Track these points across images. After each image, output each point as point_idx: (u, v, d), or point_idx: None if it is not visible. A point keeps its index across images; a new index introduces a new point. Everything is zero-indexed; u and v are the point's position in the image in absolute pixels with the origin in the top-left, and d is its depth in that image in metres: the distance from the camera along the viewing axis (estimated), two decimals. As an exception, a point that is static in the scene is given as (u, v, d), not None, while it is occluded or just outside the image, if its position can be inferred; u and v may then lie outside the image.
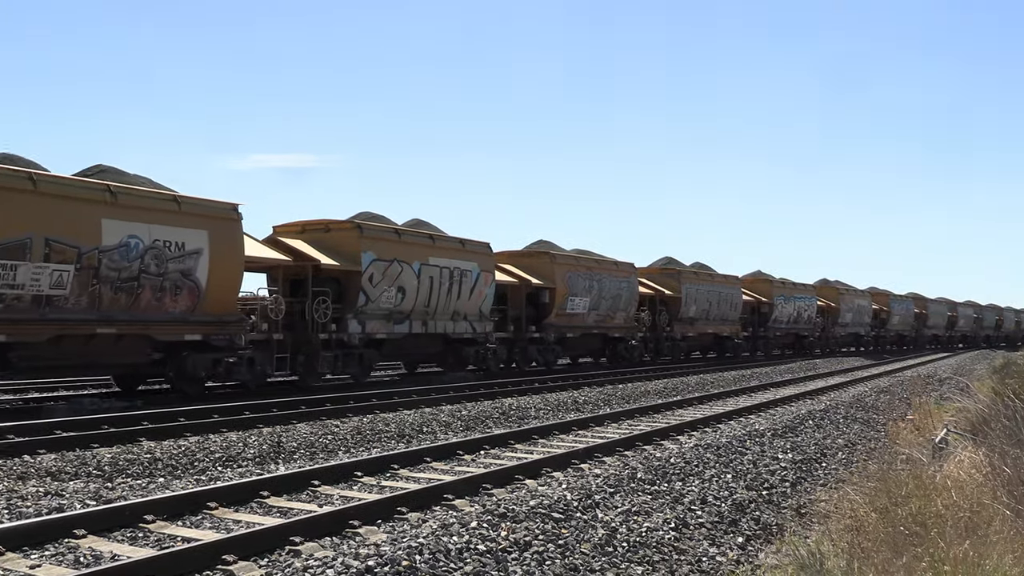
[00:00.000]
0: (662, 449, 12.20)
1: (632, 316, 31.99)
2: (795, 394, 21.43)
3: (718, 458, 11.46)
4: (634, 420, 15.81)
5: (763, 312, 42.57)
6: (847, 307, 50.31)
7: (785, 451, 12.52)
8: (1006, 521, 5.41)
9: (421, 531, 7.10)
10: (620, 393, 20.65)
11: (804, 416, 16.58)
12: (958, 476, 7.39)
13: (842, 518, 7.49)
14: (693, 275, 36.65)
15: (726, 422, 15.64)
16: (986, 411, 10.31)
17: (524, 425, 14.50)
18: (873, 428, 16.03)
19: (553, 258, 28.36)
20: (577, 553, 7.00)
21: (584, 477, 9.77)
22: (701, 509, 8.78)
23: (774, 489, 10.16)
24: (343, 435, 12.79)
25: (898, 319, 57.59)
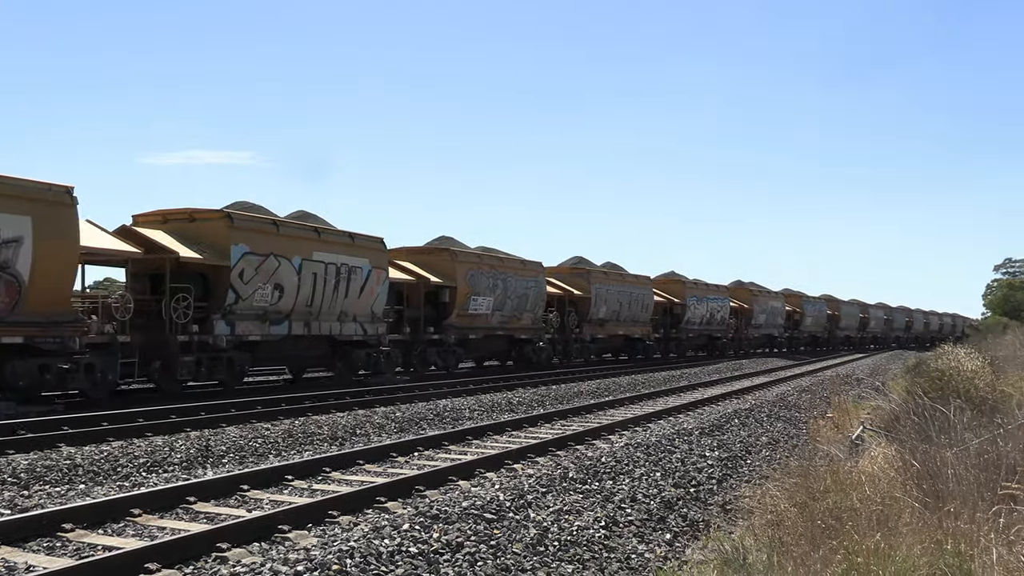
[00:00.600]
0: (594, 449, 12.33)
1: (540, 317, 30.75)
2: (722, 393, 21.85)
3: (648, 457, 11.63)
4: (567, 420, 15.94)
5: (675, 313, 41.95)
6: (760, 308, 50.15)
7: (712, 449, 12.76)
8: (915, 513, 5.63)
9: (352, 534, 7.05)
10: (554, 394, 20.79)
11: (730, 415, 16.93)
12: (872, 471, 7.65)
13: (765, 513, 7.68)
14: (603, 275, 35.52)
15: (656, 421, 15.88)
16: (898, 409, 10.68)
17: (458, 426, 14.50)
18: (795, 426, 16.45)
19: (454, 255, 26.81)
20: (509, 553, 7.04)
21: (517, 477, 9.82)
22: (631, 507, 8.91)
23: (701, 486, 10.36)
24: (274, 438, 12.62)
25: (811, 320, 57.88)
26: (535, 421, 15.32)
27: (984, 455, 6.30)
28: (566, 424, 15.45)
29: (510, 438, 13.54)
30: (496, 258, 29.13)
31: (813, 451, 10.85)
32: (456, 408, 17.01)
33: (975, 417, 8.07)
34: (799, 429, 15.97)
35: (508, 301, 28.63)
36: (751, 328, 49.51)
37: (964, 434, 7.01)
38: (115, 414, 13.99)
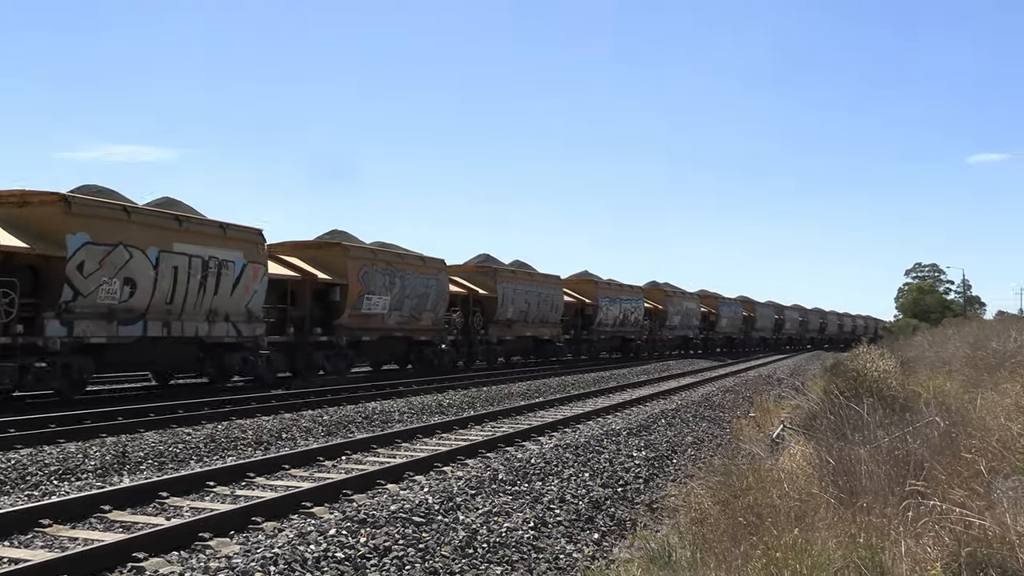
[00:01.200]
0: (523, 450, 12.39)
1: (442, 318, 28.76)
2: (649, 394, 22.17)
3: (576, 457, 11.74)
4: (497, 422, 15.98)
5: (587, 315, 40.28)
6: (675, 310, 49.30)
7: (639, 449, 12.95)
8: (830, 508, 5.83)
9: (277, 541, 6.96)
10: (485, 395, 20.82)
11: (657, 415, 17.20)
12: (791, 469, 7.89)
13: (689, 511, 7.85)
14: (511, 274, 33.69)
15: (585, 422, 16.04)
16: (816, 408, 11.01)
17: (387, 429, 14.41)
18: (719, 426, 16.81)
19: (346, 250, 24.52)
20: (438, 556, 7.05)
21: (446, 480, 9.82)
22: (560, 508, 8.99)
23: (628, 486, 10.52)
24: (195, 443, 12.34)
25: (727, 322, 57.29)
26: (465, 423, 15.33)
27: (895, 452, 6.55)
28: (496, 426, 15.49)
29: (440, 440, 13.52)
30: (393, 254, 27.00)
31: (736, 450, 11.12)
32: (385, 411, 16.90)
33: (887, 415, 8.38)
34: (723, 429, 16.32)
35: (407, 300, 26.66)
36: (666, 329, 48.48)
37: (876, 432, 7.27)
38: (24, 420, 13.47)
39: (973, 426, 7.42)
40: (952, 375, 14.83)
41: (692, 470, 11.51)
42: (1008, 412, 8.36)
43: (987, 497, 5.33)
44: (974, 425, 7.48)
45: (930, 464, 6.06)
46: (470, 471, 10.46)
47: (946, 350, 21.41)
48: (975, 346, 18.66)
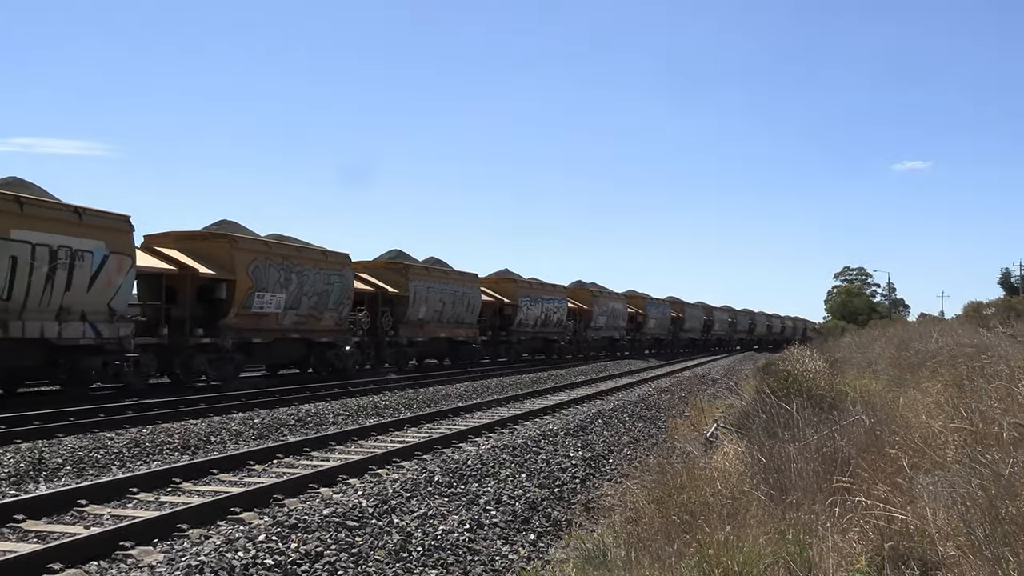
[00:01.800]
0: (460, 452, 12.38)
1: (346, 317, 26.68)
2: (588, 395, 22.36)
3: (513, 458, 11.77)
4: (434, 424, 15.93)
5: (507, 315, 38.51)
6: (601, 310, 47.85)
7: (576, 449, 13.05)
8: (761, 505, 5.96)
9: (203, 548, 6.82)
10: (422, 397, 20.73)
11: (594, 416, 17.34)
12: (724, 467, 8.04)
13: (625, 510, 7.94)
14: (424, 271, 31.71)
15: (523, 423, 16.10)
16: (748, 408, 11.24)
17: (321, 432, 14.25)
18: (655, 425, 17.03)
19: (234, 242, 22.18)
20: (371, 561, 7.00)
21: (381, 483, 9.75)
22: (496, 509, 9.00)
23: (565, 486, 10.58)
24: (119, 448, 12.00)
25: (654, 323, 56.44)
26: (402, 425, 15.25)
27: (823, 449, 6.73)
28: (433, 427, 15.44)
29: (375, 443, 13.42)
30: (290, 247, 24.69)
31: (671, 449, 11.29)
32: (320, 413, 16.72)
33: (816, 414, 8.59)
34: (659, 428, 16.54)
35: (305, 298, 24.51)
36: (591, 330, 46.85)
37: (806, 430, 7.45)
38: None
39: (897, 424, 7.65)
40: (878, 375, 15.26)
41: (628, 469, 11.64)
42: (929, 410, 8.65)
43: (909, 492, 5.50)
44: (897, 423, 7.71)
45: (856, 461, 6.24)
46: (406, 473, 10.41)
47: (872, 351, 22.03)
48: (899, 347, 19.26)
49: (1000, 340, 12.92)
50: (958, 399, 7.96)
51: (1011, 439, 5.43)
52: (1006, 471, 4.68)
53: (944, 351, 13.89)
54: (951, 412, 7.53)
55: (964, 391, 8.41)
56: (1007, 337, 13.07)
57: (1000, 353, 10.70)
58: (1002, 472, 4.69)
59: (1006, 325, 14.62)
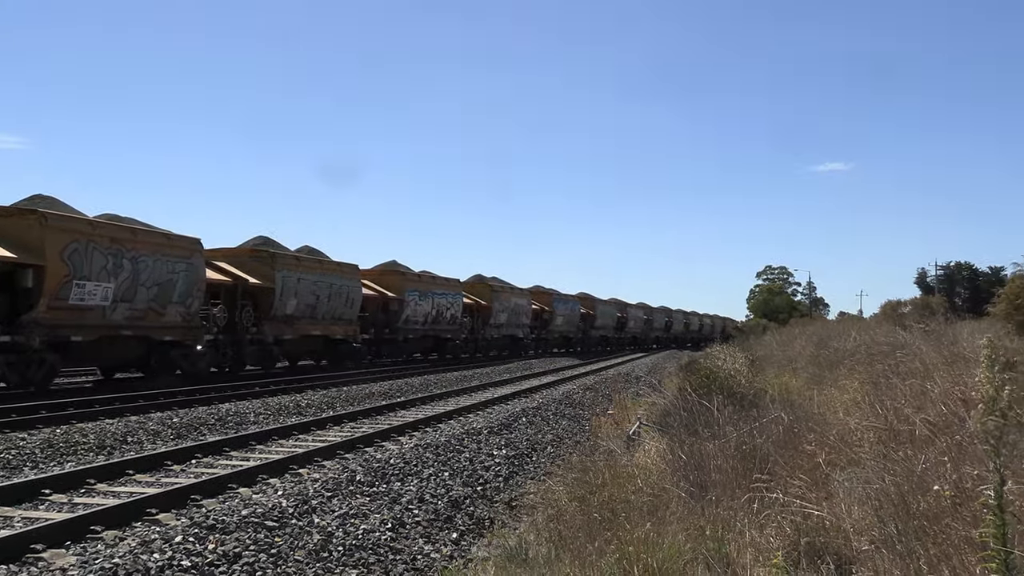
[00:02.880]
0: (383, 451, 12.27)
1: (196, 312, 22.87)
2: (512, 392, 22.40)
3: (437, 457, 11.72)
4: (357, 422, 15.75)
5: (392, 311, 34.88)
6: (502, 306, 44.27)
7: (500, 447, 13.04)
8: (681, 502, 6.03)
9: (118, 550, 6.62)
10: (345, 395, 20.48)
11: (519, 414, 17.37)
12: (646, 464, 8.12)
13: (547, 508, 7.95)
14: (294, 260, 28.13)
15: (446, 421, 16.02)
16: (670, 405, 11.39)
17: (242, 431, 13.95)
18: (579, 423, 17.15)
19: (44, 220, 18.34)
20: (291, 561, 6.88)
21: (302, 482, 9.61)
22: (418, 508, 8.95)
23: (488, 484, 10.57)
24: (31, 449, 11.58)
25: (562, 320, 53.22)
26: (324, 424, 15.04)
27: (742, 447, 6.84)
28: (356, 426, 15.26)
29: (297, 442, 13.20)
30: (121, 228, 20.89)
31: (594, 447, 11.36)
32: (240, 412, 16.36)
33: (736, 412, 8.75)
34: (582, 426, 16.66)
35: (142, 289, 20.92)
36: (490, 328, 43.30)
37: (726, 428, 7.57)
38: None
39: (814, 421, 7.83)
40: (797, 373, 15.65)
41: (551, 468, 11.68)
42: (846, 407, 8.89)
43: (826, 489, 5.63)
44: (815, 420, 7.90)
45: (774, 458, 6.36)
46: (327, 473, 10.27)
47: (792, 349, 22.60)
48: (819, 345, 19.78)
49: (916, 338, 13.35)
50: (874, 397, 8.19)
51: (923, 436, 5.60)
52: (918, 467, 4.82)
53: (862, 349, 14.31)
54: (867, 410, 7.74)
55: (880, 389, 8.66)
56: (922, 335, 13.52)
57: (915, 351, 11.06)
58: (914, 468, 4.82)
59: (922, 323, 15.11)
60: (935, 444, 5.06)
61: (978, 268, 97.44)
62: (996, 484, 3.24)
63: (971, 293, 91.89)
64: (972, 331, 13.20)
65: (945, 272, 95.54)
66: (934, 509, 4.18)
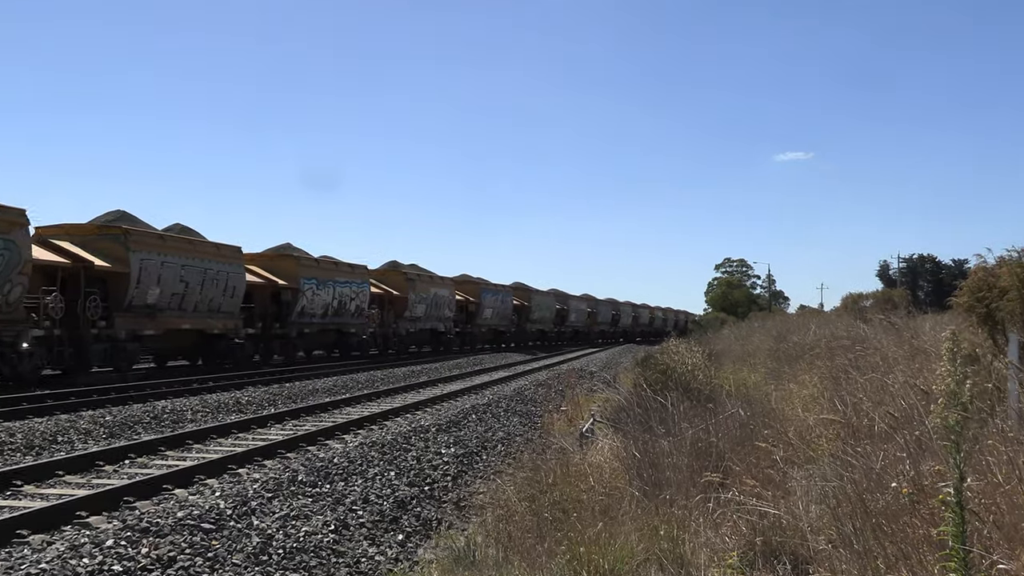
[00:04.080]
0: (326, 449, 12.15)
1: (16, 301, 19.25)
2: (462, 389, 22.33)
3: (382, 456, 11.62)
4: (299, 420, 15.58)
5: (285, 301, 31.05)
6: (419, 297, 40.83)
7: (448, 446, 12.98)
8: (635, 501, 6.02)
9: (45, 555, 6.46)
10: (287, 392, 20.24)
11: (468, 411, 17.32)
12: (598, 462, 8.11)
13: (497, 508, 7.90)
14: (157, 241, 24.38)
15: (393, 419, 15.92)
16: (625, 401, 11.42)
17: (178, 430, 13.71)
18: (530, 420, 17.14)
19: None
20: (228, 565, 6.74)
21: (241, 483, 9.47)
22: (363, 509, 8.85)
23: (436, 484, 10.50)
24: (-49, 450, 11.24)
25: (491, 312, 50.31)
26: (265, 422, 14.84)
27: (697, 444, 6.86)
28: (298, 424, 15.10)
29: (236, 441, 13.02)
30: None
31: (545, 445, 11.33)
32: (177, 410, 16.07)
33: (692, 408, 8.79)
34: (534, 423, 16.65)
35: None
36: (405, 321, 39.82)
37: (681, 425, 7.60)
38: None
39: (772, 417, 7.89)
40: (756, 367, 15.82)
41: (501, 466, 11.64)
42: (805, 403, 8.98)
43: (782, 487, 5.65)
44: (773, 416, 7.97)
45: (730, 456, 6.38)
46: (267, 473, 10.13)
47: (751, 343, 22.84)
48: (778, 339, 20.01)
49: (877, 332, 13.55)
50: (833, 392, 8.28)
51: (882, 432, 5.65)
52: (877, 464, 4.85)
53: (821, 343, 14.47)
54: (826, 405, 7.82)
55: (839, 384, 8.75)
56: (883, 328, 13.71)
57: (876, 345, 11.21)
58: (873, 465, 4.85)
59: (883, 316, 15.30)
60: (894, 440, 5.10)
61: (941, 261, 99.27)
62: (956, 480, 3.26)
63: (934, 286, 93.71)
64: (935, 324, 13.41)
65: (908, 265, 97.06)
66: (892, 507, 4.20)
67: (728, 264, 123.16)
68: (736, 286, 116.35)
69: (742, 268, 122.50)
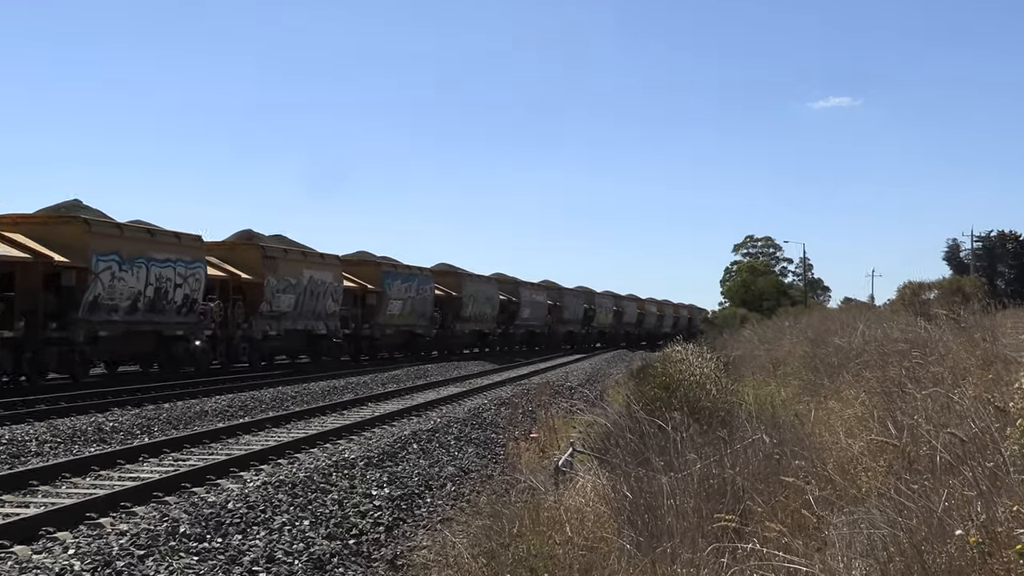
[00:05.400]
0: (218, 491, 12.15)
1: None
2: (399, 409, 22.33)
3: (293, 499, 11.64)
4: (183, 453, 15.56)
5: (69, 288, 26.73)
6: (283, 284, 37.11)
7: (381, 485, 13.03)
8: (624, 556, 6.05)
9: None
10: (167, 415, 20.13)
11: (408, 438, 17.35)
12: (579, 506, 8.15)
13: (445, 568, 7.91)
14: None
15: (308, 450, 15.92)
16: (614, 425, 11.48)
17: (18, 467, 13.61)
18: (490, 450, 17.21)
19: None
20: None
21: (104, 537, 9.48)
22: (266, 571, 8.87)
23: (364, 536, 10.53)
24: None
25: (401, 305, 47.36)
26: (136, 455, 14.80)
27: (708, 480, 6.92)
28: (181, 458, 15.09)
29: (96, 481, 12.99)
30: None
31: (510, 483, 11.37)
32: (18, 440, 15.95)
33: (702, 433, 8.85)
34: (495, 454, 16.70)
35: None
36: (262, 319, 36.38)
37: (687, 455, 7.65)
38: None
39: (806, 445, 7.97)
40: (786, 380, 15.98)
41: (451, 512, 11.67)
42: (848, 426, 9.07)
43: (818, 536, 5.71)
44: (807, 444, 8.04)
45: (751, 495, 6.43)
46: (139, 523, 10.14)
47: (780, 347, 23.07)
48: (815, 342, 20.19)
49: (942, 332, 13.70)
50: (884, 411, 8.36)
51: (945, 463, 5.70)
52: (938, 505, 4.90)
53: (871, 348, 14.59)
54: (875, 428, 7.89)
55: (892, 400, 8.84)
56: (950, 327, 13.86)
57: (940, 350, 11.33)
58: (933, 507, 4.90)
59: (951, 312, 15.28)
60: (961, 474, 5.16)
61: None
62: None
63: (1017, 272, 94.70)
64: (1018, 322, 13.59)
65: (984, 245, 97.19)
66: (958, 561, 4.25)
67: (751, 244, 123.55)
68: (761, 272, 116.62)
69: (768, 249, 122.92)
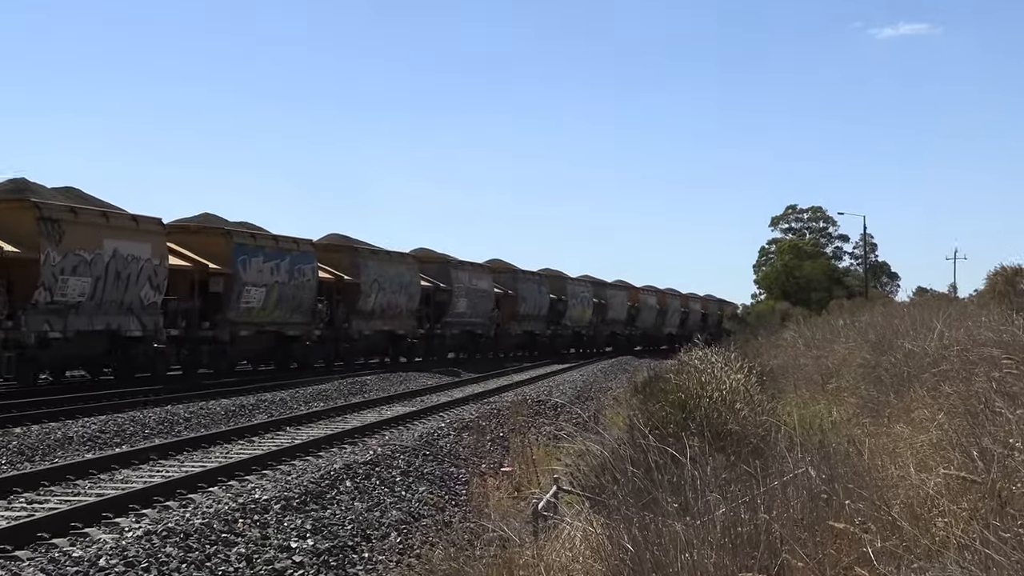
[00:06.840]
0: (86, 544, 12.16)
1: None
2: (326, 435, 22.29)
3: (184, 554, 11.65)
4: (38, 493, 15.59)
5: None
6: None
7: (303, 535, 13.04)
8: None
9: None
10: (18, 445, 20.06)
11: (339, 474, 17.31)
12: (565, 563, 8.14)
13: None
14: None
15: (205, 490, 15.88)
16: (611, 456, 11.47)
17: None
18: (449, 489, 17.21)
19: None
20: None
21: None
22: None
23: (281, 605, 10.56)
24: None
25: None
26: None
27: (736, 528, 6.93)
28: (37, 499, 15.13)
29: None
30: None
31: (475, 532, 11.38)
32: None
33: (727, 467, 8.86)
34: (455, 493, 16.70)
35: None
36: (33, 314, 31.89)
37: (708, 495, 7.65)
38: None
39: (863, 481, 7.98)
40: (839, 396, 15.96)
41: (398, 571, 11.70)
42: (921, 457, 9.07)
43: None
44: (865, 479, 8.05)
45: (790, 547, 6.46)
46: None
47: (832, 353, 23.02)
48: (878, 346, 20.15)
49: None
50: (968, 437, 8.35)
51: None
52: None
53: (953, 354, 14.53)
54: (956, 459, 7.89)
55: (979, 422, 8.82)
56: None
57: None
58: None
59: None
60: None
61: None
62: None
63: None
64: None
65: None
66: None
67: (794, 217, 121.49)
68: (808, 255, 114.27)
69: (818, 224, 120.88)
